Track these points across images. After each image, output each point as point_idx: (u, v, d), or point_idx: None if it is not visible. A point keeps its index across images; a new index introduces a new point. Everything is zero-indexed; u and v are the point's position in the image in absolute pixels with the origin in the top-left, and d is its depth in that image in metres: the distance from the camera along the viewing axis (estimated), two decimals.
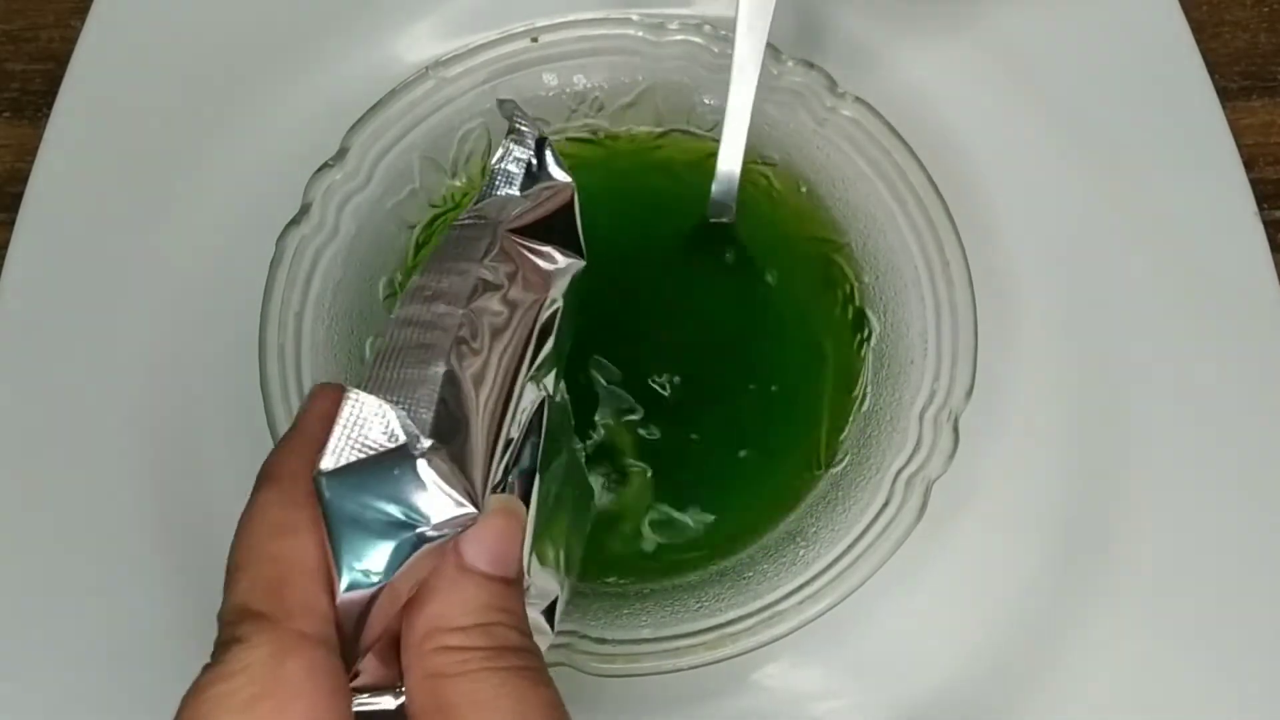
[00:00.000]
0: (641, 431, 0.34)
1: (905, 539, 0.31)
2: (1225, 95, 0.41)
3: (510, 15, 0.37)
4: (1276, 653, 0.35)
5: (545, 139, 0.27)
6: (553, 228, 0.26)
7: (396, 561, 0.19)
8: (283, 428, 0.31)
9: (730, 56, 0.35)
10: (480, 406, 0.21)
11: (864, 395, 0.35)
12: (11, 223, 0.39)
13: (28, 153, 0.40)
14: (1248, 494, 0.37)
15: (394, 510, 0.19)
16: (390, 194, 0.35)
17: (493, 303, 0.23)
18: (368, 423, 0.20)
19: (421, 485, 0.19)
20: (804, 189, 0.37)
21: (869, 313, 0.36)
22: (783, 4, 0.33)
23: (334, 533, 0.19)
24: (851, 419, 0.35)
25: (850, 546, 0.31)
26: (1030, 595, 0.35)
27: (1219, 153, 0.40)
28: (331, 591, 0.20)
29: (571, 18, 0.36)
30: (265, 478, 0.21)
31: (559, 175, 0.27)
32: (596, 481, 0.33)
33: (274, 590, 0.19)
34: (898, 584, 0.34)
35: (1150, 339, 0.38)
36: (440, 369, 0.21)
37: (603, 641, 0.30)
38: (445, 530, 0.20)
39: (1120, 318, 0.39)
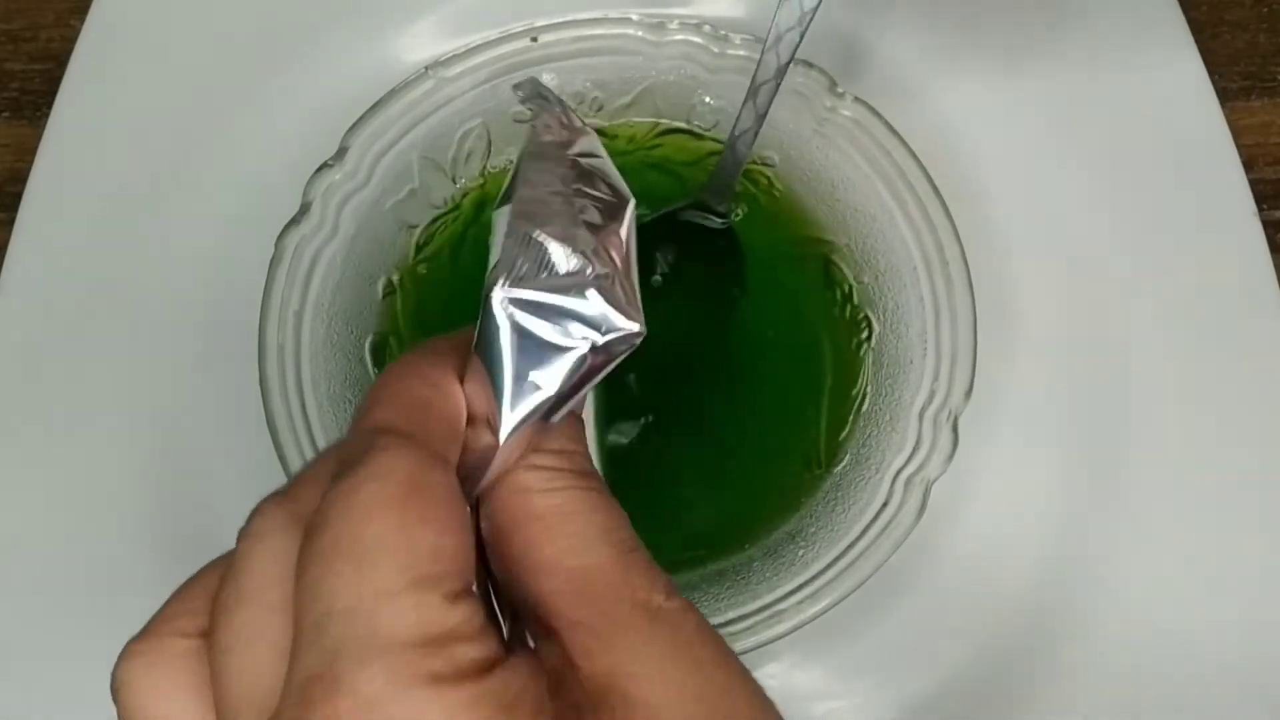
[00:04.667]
0: (640, 432, 0.35)
1: (905, 539, 0.31)
2: (1225, 95, 0.41)
3: (510, 15, 0.37)
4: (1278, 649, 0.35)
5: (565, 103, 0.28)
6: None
7: (563, 375, 0.20)
8: (283, 427, 0.31)
9: (729, 55, 0.35)
10: (621, 263, 0.22)
11: (864, 395, 0.35)
12: (11, 222, 0.39)
13: (28, 153, 0.40)
14: (1248, 493, 0.37)
15: (564, 326, 0.20)
16: (390, 194, 0.35)
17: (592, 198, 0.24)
18: (538, 251, 0.21)
19: (592, 304, 0.21)
20: (804, 189, 0.37)
21: (868, 313, 0.36)
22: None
23: (505, 347, 0.20)
24: (851, 419, 0.35)
25: (850, 547, 0.31)
26: (1030, 595, 0.35)
27: (1219, 153, 0.40)
28: (468, 441, 0.20)
29: (571, 17, 0.36)
30: (412, 350, 0.22)
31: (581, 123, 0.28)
32: None
33: (418, 418, 0.20)
34: (898, 584, 0.34)
35: (1150, 339, 0.38)
36: (585, 230, 0.22)
37: None
38: (613, 347, 0.21)
39: (1119, 318, 0.39)
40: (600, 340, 0.20)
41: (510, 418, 0.20)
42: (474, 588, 0.18)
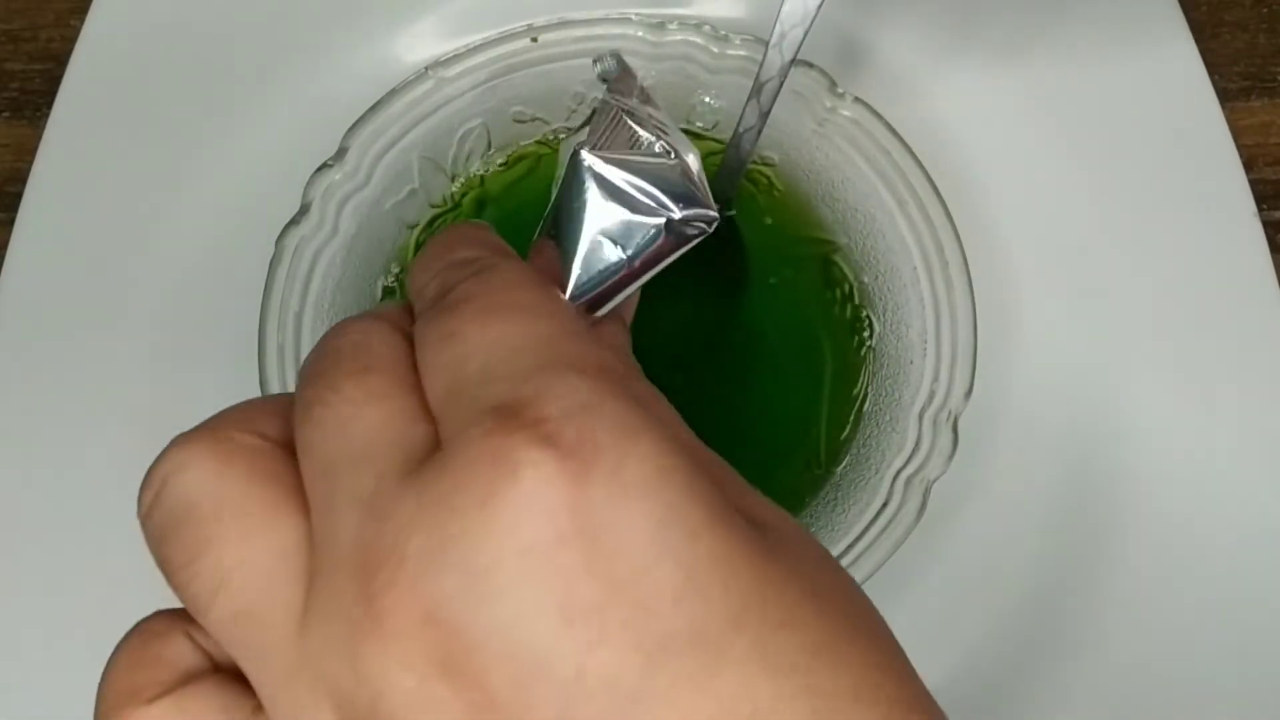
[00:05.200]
0: None
1: (905, 539, 0.31)
2: (1225, 95, 0.41)
3: (510, 15, 0.37)
4: (1277, 658, 0.35)
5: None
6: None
7: (636, 243, 0.21)
8: None
9: (729, 56, 0.35)
10: (696, 173, 0.23)
11: (864, 395, 0.35)
12: (11, 222, 0.39)
13: (27, 153, 0.40)
14: (1248, 493, 0.37)
15: (644, 200, 0.21)
16: (390, 194, 0.35)
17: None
18: (628, 131, 0.21)
19: (674, 183, 0.21)
20: (804, 189, 0.37)
21: (868, 313, 0.36)
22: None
23: (587, 206, 0.21)
24: (851, 419, 0.35)
25: (850, 547, 0.31)
26: (1030, 596, 0.35)
27: (1219, 153, 0.40)
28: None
29: (571, 17, 0.36)
30: (453, 226, 0.22)
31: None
32: None
33: (503, 251, 0.20)
34: (897, 584, 0.34)
35: (1150, 339, 0.38)
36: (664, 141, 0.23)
37: None
38: (687, 225, 0.21)
39: (1119, 318, 0.39)
40: (678, 215, 0.21)
41: (581, 281, 0.21)
42: None
